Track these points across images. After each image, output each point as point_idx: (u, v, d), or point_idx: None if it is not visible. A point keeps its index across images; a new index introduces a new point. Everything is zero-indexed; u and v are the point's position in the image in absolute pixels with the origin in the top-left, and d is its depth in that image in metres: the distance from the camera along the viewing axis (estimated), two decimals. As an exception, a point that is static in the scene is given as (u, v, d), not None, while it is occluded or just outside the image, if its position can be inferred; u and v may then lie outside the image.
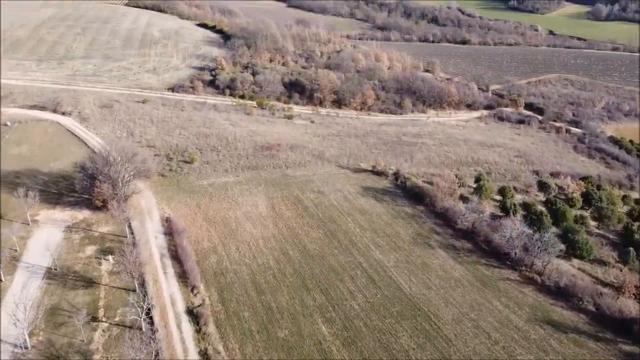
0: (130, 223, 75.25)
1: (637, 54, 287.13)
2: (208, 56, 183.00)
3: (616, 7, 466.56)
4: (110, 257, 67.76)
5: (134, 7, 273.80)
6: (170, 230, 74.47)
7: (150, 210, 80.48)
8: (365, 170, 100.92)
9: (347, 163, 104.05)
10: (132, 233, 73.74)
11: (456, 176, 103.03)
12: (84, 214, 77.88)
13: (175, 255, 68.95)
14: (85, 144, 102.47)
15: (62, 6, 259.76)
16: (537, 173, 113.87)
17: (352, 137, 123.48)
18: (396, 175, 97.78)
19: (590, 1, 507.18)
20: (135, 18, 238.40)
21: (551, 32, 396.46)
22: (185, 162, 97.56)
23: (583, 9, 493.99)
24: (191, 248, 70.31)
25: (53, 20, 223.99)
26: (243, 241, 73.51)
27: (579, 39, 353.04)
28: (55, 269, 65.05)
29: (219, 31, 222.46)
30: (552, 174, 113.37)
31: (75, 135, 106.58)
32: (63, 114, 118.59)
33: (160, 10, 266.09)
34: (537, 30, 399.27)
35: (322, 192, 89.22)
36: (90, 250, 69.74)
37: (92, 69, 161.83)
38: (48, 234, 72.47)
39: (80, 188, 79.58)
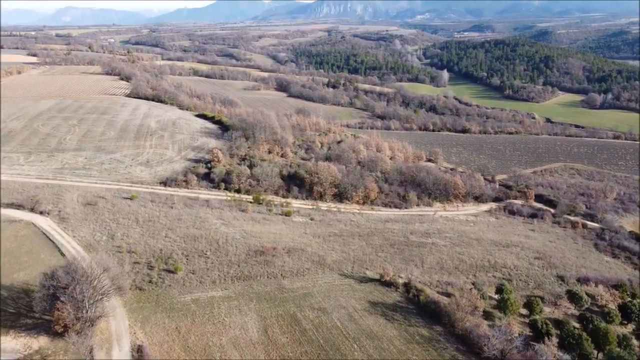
0: (92, 356, 62.62)
1: (639, 143, 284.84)
2: (205, 148, 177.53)
3: (609, 95, 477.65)
4: (60, 406, 54.70)
5: (134, 97, 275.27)
6: (140, 365, 61.80)
7: (120, 336, 68.08)
8: (371, 280, 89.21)
9: (351, 271, 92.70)
10: (94, 369, 60.96)
11: (473, 284, 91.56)
12: (40, 342, 65.43)
13: (143, 402, 55.87)
14: (59, 249, 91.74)
15: (63, 97, 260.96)
16: (562, 279, 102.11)
17: (355, 238, 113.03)
18: (407, 286, 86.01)
19: (584, 90, 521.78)
20: (134, 109, 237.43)
21: (548, 120, 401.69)
22: (169, 271, 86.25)
23: (577, 97, 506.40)
24: (163, 391, 57.34)
25: (51, 112, 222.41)
26: (228, 379, 60.55)
27: (577, 126, 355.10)
28: None
29: (218, 122, 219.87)
30: (579, 280, 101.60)
31: (50, 239, 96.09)
32: (41, 213, 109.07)
33: (161, 101, 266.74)
34: (534, 118, 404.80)
35: (323, 310, 77.03)
36: (39, 394, 56.75)
37: (82, 162, 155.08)
38: (-9, 371, 59.85)
39: (39, 310, 67.90)
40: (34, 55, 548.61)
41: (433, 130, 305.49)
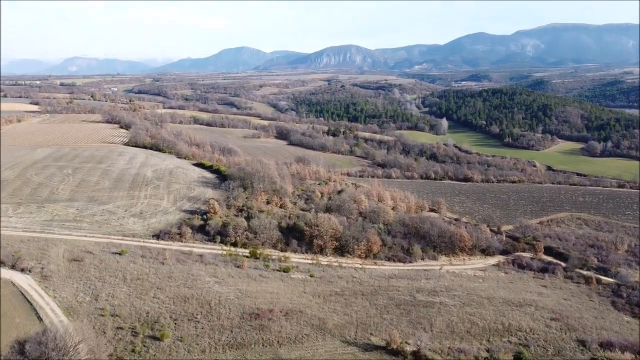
0: None
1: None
2: (201, 198, 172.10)
3: (609, 143, 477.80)
4: None
5: (132, 146, 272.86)
6: None
7: (94, 418, 60.15)
8: (377, 348, 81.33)
9: (354, 336, 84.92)
10: None
11: (488, 352, 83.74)
12: None
13: None
14: (36, 312, 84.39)
15: (60, 146, 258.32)
16: (583, 344, 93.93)
17: (358, 297, 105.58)
18: (416, 355, 78.25)
19: (583, 138, 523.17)
20: (131, 157, 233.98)
21: (549, 168, 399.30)
22: (154, 338, 78.57)
23: (577, 145, 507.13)
24: None
25: (46, 160, 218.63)
26: None
27: (579, 174, 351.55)
28: None
29: (216, 171, 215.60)
30: (601, 345, 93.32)
31: (28, 301, 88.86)
32: (22, 270, 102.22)
33: (159, 150, 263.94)
34: (535, 166, 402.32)
35: (324, 385, 69.16)
36: None
37: (73, 214, 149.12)
38: None
39: (3, 389, 60.39)
40: (36, 103, 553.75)
41: (435, 179, 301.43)
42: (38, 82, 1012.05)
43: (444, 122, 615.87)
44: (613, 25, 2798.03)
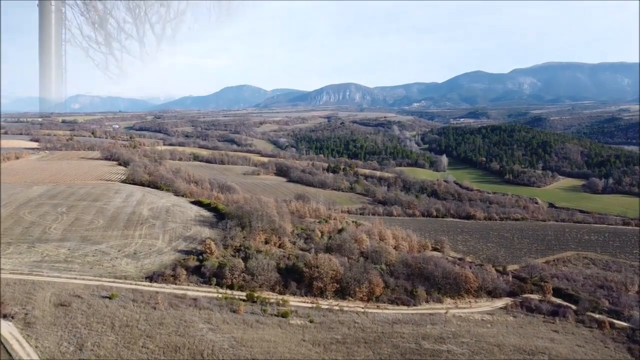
0: None
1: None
2: (197, 238, 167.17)
3: (610, 180, 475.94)
4: None
5: (130, 183, 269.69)
6: None
7: None
8: (382, 404, 75.19)
9: (357, 391, 78.83)
10: None
11: (502, 407, 77.37)
12: None
13: None
14: (15, 365, 78.59)
15: (56, 183, 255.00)
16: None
17: (361, 345, 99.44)
18: (425, 413, 71.95)
19: (584, 175, 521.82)
20: (128, 195, 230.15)
21: (551, 205, 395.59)
22: (141, 394, 72.67)
23: (578, 182, 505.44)
24: None
25: (41, 198, 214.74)
26: None
27: (581, 211, 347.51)
28: None
29: (214, 209, 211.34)
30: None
31: (7, 351, 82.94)
32: (5, 316, 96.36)
33: (157, 187, 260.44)
34: (537, 203, 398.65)
35: None
36: None
37: (64, 254, 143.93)
38: None
39: None
40: (37, 140, 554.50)
41: (437, 217, 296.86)
42: (40, 119, 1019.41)
43: (444, 159, 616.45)
44: (608, 64, 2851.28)
